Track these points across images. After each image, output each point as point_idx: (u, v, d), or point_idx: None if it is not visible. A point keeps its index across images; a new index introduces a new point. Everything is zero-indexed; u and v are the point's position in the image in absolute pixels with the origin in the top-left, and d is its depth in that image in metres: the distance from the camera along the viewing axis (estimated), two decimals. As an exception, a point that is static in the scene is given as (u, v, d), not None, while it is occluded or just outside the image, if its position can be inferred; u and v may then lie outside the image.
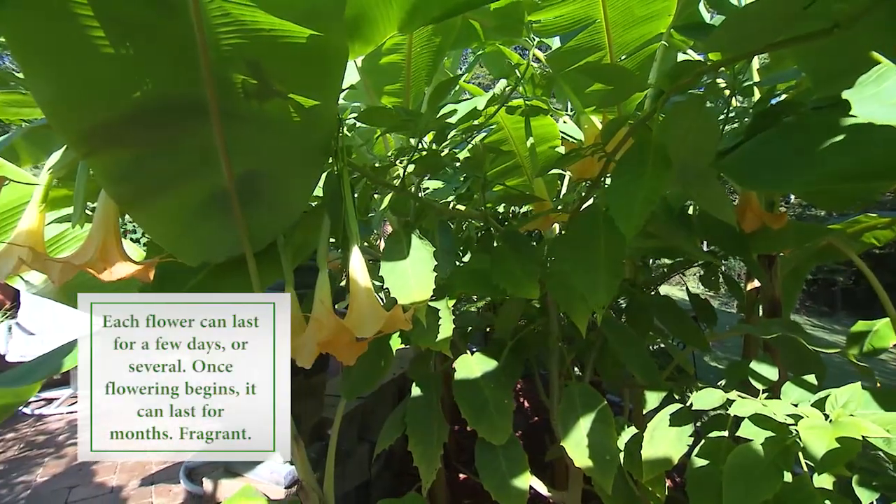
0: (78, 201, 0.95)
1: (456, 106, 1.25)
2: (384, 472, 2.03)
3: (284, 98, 0.76)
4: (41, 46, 0.60)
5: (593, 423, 1.11)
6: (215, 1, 0.65)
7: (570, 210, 1.14)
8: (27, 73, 0.62)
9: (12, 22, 0.57)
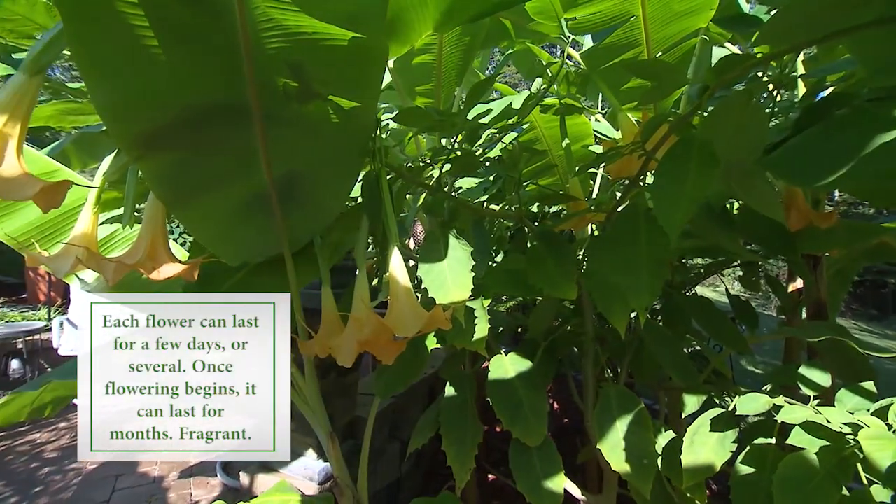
0: (128, 203, 0.99)
1: (490, 105, 1.25)
2: (414, 471, 2.04)
3: (324, 100, 0.77)
4: (102, 57, 0.63)
5: (630, 426, 1.09)
6: (260, 6, 0.66)
7: (607, 210, 1.12)
8: (89, 83, 0.65)
9: (77, 35, 0.60)
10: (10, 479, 2.35)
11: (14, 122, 0.63)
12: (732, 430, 0.96)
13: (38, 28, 0.93)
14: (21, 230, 1.07)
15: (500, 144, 1.49)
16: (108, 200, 1.19)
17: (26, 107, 0.64)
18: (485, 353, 1.01)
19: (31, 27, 0.91)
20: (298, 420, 1.59)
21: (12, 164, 0.62)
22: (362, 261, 0.82)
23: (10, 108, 0.62)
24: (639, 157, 0.90)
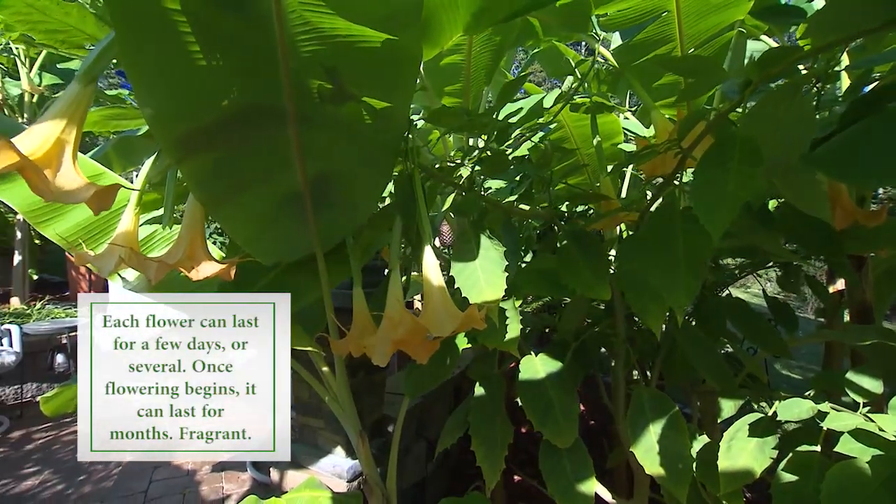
0: (167, 205, 1.02)
1: (519, 104, 1.25)
2: (440, 471, 2.05)
3: (358, 101, 0.78)
4: (150, 64, 0.65)
5: (664, 430, 1.07)
6: (297, 10, 0.68)
7: (641, 209, 1.10)
8: (136, 89, 0.68)
9: (128, 44, 0.62)
10: (56, 467, 2.47)
11: (70, 128, 0.66)
12: (772, 435, 0.93)
13: (87, 38, 0.98)
14: (69, 231, 1.12)
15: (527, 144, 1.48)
16: (146, 202, 1.23)
17: (81, 114, 0.67)
18: (517, 354, 1.01)
19: (81, 37, 0.95)
20: (327, 418, 1.62)
21: (69, 170, 0.65)
22: (396, 260, 0.82)
23: (66, 115, 0.65)
24: (675, 155, 0.88)
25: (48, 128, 0.65)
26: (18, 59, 3.66)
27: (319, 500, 1.34)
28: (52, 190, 0.65)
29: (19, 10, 0.91)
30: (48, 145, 0.64)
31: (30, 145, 0.62)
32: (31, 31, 0.96)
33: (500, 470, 1.15)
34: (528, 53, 2.30)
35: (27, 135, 0.63)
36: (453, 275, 0.84)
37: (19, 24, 0.93)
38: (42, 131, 0.64)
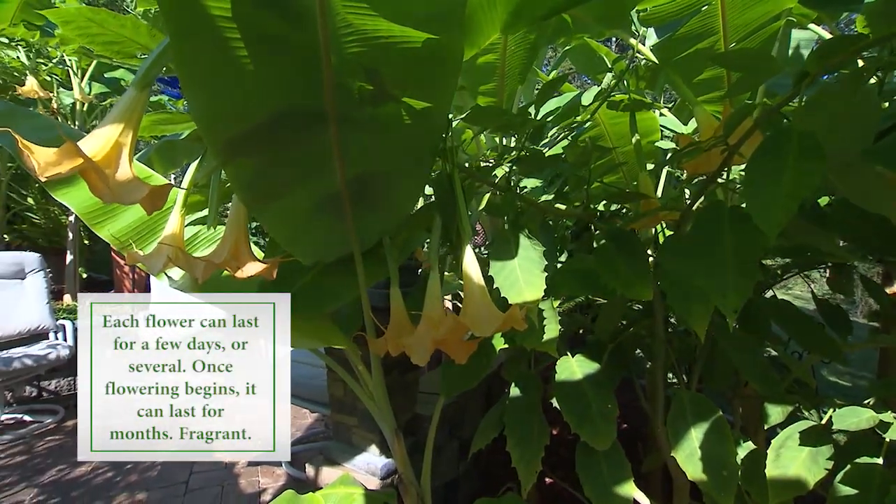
0: (212, 206, 1.05)
1: (553, 102, 1.23)
2: (472, 471, 2.04)
3: (398, 102, 0.79)
4: (200, 69, 0.68)
5: (707, 435, 1.04)
6: (340, 13, 0.69)
7: (683, 207, 1.07)
8: (187, 93, 0.70)
9: (181, 50, 0.64)
10: (103, 457, 2.58)
11: (127, 132, 0.69)
12: (826, 445, 0.89)
13: (140, 48, 1.02)
14: (121, 232, 1.17)
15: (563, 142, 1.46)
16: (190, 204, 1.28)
17: (137, 118, 0.70)
18: (555, 355, 1.00)
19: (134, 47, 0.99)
20: (361, 416, 1.64)
21: (126, 171, 0.68)
22: (435, 260, 0.83)
23: (124, 119, 0.68)
24: (721, 152, 0.85)
25: (108, 131, 0.68)
26: (71, 71, 3.87)
27: (354, 496, 1.36)
28: (110, 191, 0.68)
29: (80, 24, 0.97)
30: (108, 148, 0.67)
31: (92, 148, 0.65)
32: (90, 43, 1.02)
33: (536, 471, 1.14)
34: (556, 51, 2.27)
35: (90, 138, 0.66)
36: (492, 274, 0.84)
37: (80, 37, 0.99)
38: (102, 135, 0.67)
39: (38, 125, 1.11)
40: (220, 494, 2.21)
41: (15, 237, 5.20)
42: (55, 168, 0.60)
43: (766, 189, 0.61)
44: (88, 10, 1.02)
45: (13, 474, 2.40)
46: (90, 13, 1.00)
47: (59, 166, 0.61)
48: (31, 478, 2.36)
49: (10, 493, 2.22)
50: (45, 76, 3.82)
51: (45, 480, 2.34)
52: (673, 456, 1.05)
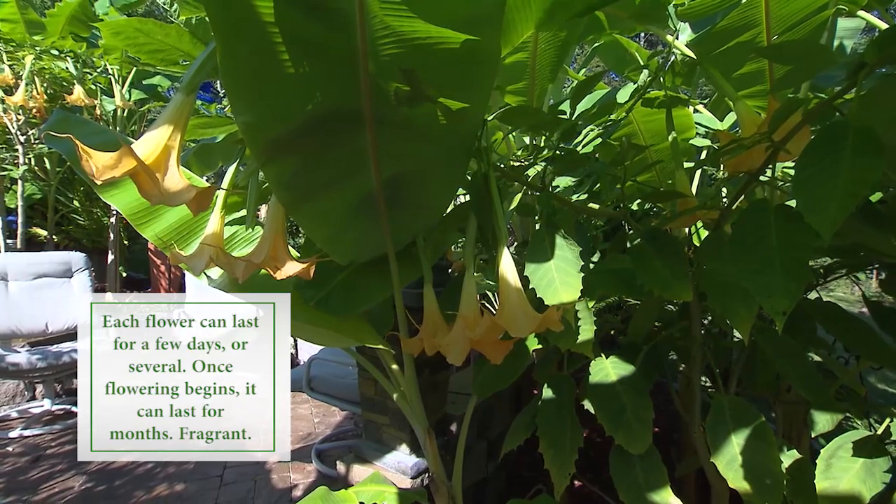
0: (250, 207, 1.08)
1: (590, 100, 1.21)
2: (499, 472, 2.03)
3: (434, 102, 0.79)
4: (245, 73, 0.70)
5: (749, 441, 1.00)
6: (378, 16, 0.69)
7: (719, 206, 1.04)
8: (231, 96, 0.72)
9: (227, 55, 0.66)
10: (144, 449, 2.69)
11: (175, 135, 0.71)
12: (883, 457, 0.84)
13: (182, 55, 1.06)
14: (164, 232, 1.22)
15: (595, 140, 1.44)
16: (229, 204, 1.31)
17: (184, 122, 0.73)
18: (591, 356, 0.98)
19: (178, 55, 1.03)
20: (392, 415, 1.65)
21: (174, 174, 0.70)
22: (471, 260, 0.83)
23: (172, 123, 0.71)
24: (766, 148, 0.82)
25: (158, 135, 0.71)
26: (113, 79, 4.04)
27: (385, 494, 1.37)
28: (160, 192, 0.71)
29: (129, 34, 1.02)
30: (158, 151, 0.70)
31: (144, 151, 0.68)
32: (138, 52, 1.07)
33: (569, 474, 1.12)
34: (583, 48, 2.23)
35: (141, 142, 0.69)
36: (527, 275, 0.83)
37: (129, 46, 1.04)
38: (153, 139, 0.70)
39: (90, 131, 1.17)
40: (252, 488, 2.27)
41: (62, 238, 5.47)
42: (111, 171, 0.63)
43: (821, 186, 0.58)
44: (137, 20, 1.07)
45: (63, 462, 2.53)
46: (138, 24, 1.06)
47: (115, 169, 0.64)
48: (79, 465, 2.48)
49: (62, 480, 2.34)
50: (90, 85, 4.00)
51: (91, 469, 2.45)
52: (712, 462, 1.01)
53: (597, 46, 2.29)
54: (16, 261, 3.24)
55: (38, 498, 2.19)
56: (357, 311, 1.08)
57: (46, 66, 3.72)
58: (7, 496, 2.21)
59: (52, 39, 3.61)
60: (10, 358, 2.83)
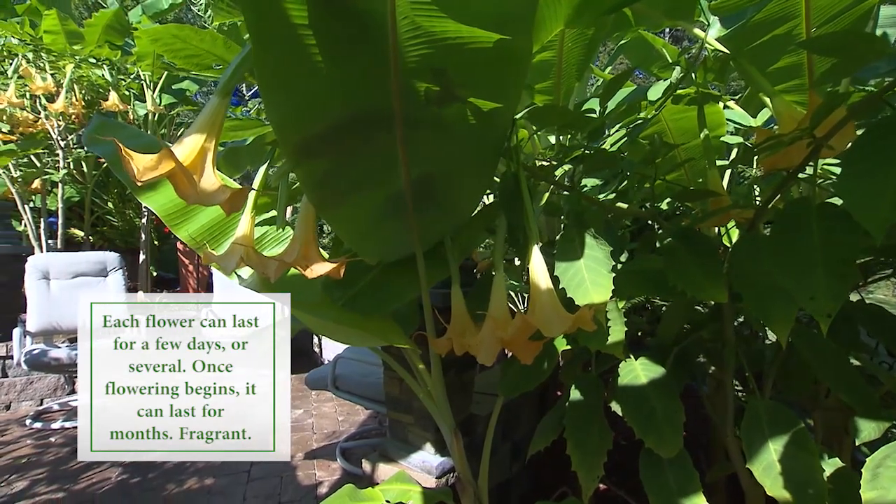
0: (281, 207, 1.10)
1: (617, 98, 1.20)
2: (523, 473, 2.02)
3: (464, 102, 0.79)
4: (279, 75, 0.71)
5: (787, 448, 0.97)
6: (408, 16, 0.70)
7: (752, 205, 1.01)
8: (266, 98, 0.74)
9: (262, 58, 0.68)
10: (175, 444, 2.77)
11: (210, 138, 0.73)
12: (934, 466, 0.80)
13: (216, 59, 1.09)
14: (197, 232, 1.25)
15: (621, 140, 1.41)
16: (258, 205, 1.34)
17: (219, 125, 0.74)
18: (622, 357, 0.97)
19: (212, 59, 1.06)
20: (417, 414, 1.66)
21: (210, 175, 0.72)
22: (500, 261, 0.82)
23: (208, 126, 0.73)
24: (808, 145, 0.79)
25: (195, 138, 0.73)
26: (145, 84, 4.18)
27: (410, 493, 1.38)
28: (196, 193, 0.72)
29: (166, 41, 1.06)
30: (195, 153, 0.72)
31: (182, 153, 0.70)
32: (174, 57, 1.11)
33: (597, 477, 1.11)
34: (606, 45, 2.20)
35: (179, 144, 0.71)
36: (557, 275, 0.82)
37: (167, 52, 1.08)
38: (190, 141, 0.72)
39: (128, 135, 1.21)
40: (279, 484, 2.31)
41: (97, 238, 5.69)
42: (152, 172, 0.65)
43: (871, 184, 0.56)
44: (174, 27, 1.11)
45: (99, 455, 2.62)
46: (176, 30, 1.10)
47: (155, 170, 0.66)
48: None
49: (99, 471, 2.43)
50: (123, 91, 4.15)
51: (126, 461, 2.53)
52: (747, 469, 0.98)
53: (622, 44, 2.25)
54: (57, 260, 3.38)
55: (78, 487, 2.28)
56: (385, 311, 1.08)
57: (84, 74, 3.87)
58: (51, 484, 2.31)
59: (89, 48, 3.76)
60: (52, 353, 2.96)
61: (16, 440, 2.80)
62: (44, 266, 3.31)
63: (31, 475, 2.39)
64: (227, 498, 2.18)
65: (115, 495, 2.21)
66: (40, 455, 2.61)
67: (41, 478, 2.37)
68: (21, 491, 2.25)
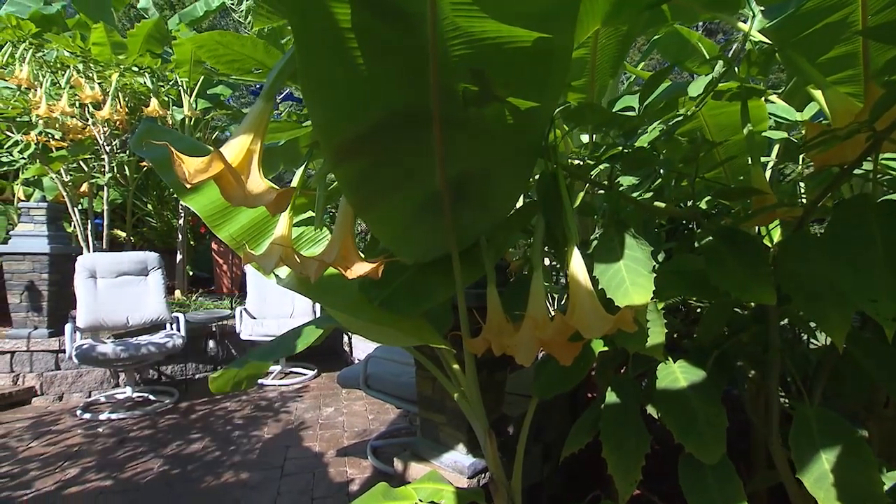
0: (319, 208, 1.12)
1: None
2: (554, 475, 2.00)
3: (503, 102, 0.79)
4: (322, 78, 0.72)
5: (841, 458, 0.92)
6: (448, 17, 0.70)
7: (806, 203, 0.96)
8: (309, 101, 0.75)
9: (307, 61, 0.69)
10: (213, 436, 2.87)
11: (256, 140, 0.75)
12: None
13: (256, 63, 1.12)
14: (237, 233, 1.29)
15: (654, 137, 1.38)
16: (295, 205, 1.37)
17: (264, 127, 0.77)
18: (662, 359, 0.94)
19: (252, 63, 1.09)
20: (449, 414, 1.66)
21: (256, 177, 0.74)
22: (538, 261, 0.82)
23: (253, 128, 0.75)
24: (867, 139, 0.75)
25: (241, 140, 0.75)
26: (182, 90, 4.35)
27: (443, 492, 1.38)
28: (244, 194, 0.75)
29: (210, 47, 1.10)
30: (242, 155, 0.74)
31: (230, 155, 0.72)
32: (217, 62, 1.15)
33: (635, 481, 1.08)
34: (636, 40, 2.15)
35: (227, 147, 0.74)
36: (596, 275, 0.81)
37: (210, 57, 1.13)
38: (237, 144, 0.74)
39: (174, 139, 1.25)
40: (311, 480, 2.35)
41: (137, 239, 5.94)
42: (202, 175, 0.68)
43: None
44: (218, 34, 1.15)
45: (143, 445, 2.74)
46: (219, 37, 1.14)
47: (206, 173, 0.68)
48: (157, 450, 2.68)
49: (143, 461, 2.54)
50: (163, 97, 4.32)
51: (167, 453, 2.64)
52: (796, 479, 0.95)
53: (655, 39, 2.20)
54: (103, 260, 3.54)
55: (124, 476, 2.39)
56: (420, 311, 1.09)
57: (128, 82, 4.05)
58: (99, 472, 2.43)
59: (132, 58, 3.93)
60: (100, 348, 3.11)
61: (68, 429, 2.96)
62: (91, 265, 3.47)
63: (82, 463, 2.52)
64: (262, 492, 2.24)
65: (157, 485, 2.30)
66: (90, 444, 2.74)
67: (90, 466, 2.49)
68: (73, 477, 2.37)
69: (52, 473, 2.41)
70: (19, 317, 3.56)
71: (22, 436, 2.86)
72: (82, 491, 2.25)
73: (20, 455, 2.60)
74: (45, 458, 2.57)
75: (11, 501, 2.13)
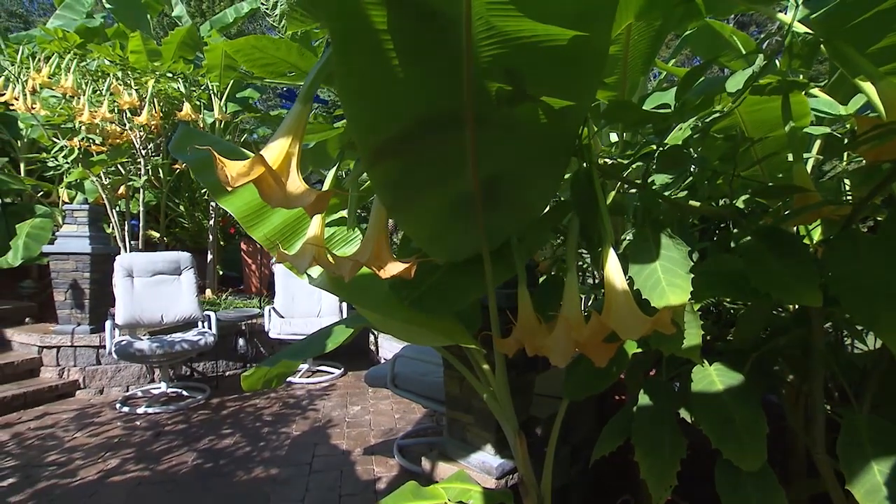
0: (352, 208, 1.14)
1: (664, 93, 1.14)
2: (582, 478, 1.97)
3: (536, 101, 0.78)
4: (359, 80, 0.73)
5: (895, 470, 0.88)
6: (483, 17, 0.70)
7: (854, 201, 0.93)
8: (345, 102, 0.76)
9: (343, 64, 0.71)
10: (244, 432, 2.95)
11: (294, 142, 0.77)
12: None
13: (289, 67, 1.14)
14: (271, 233, 1.32)
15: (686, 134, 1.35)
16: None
17: (301, 129, 0.78)
18: (699, 362, 0.92)
19: (285, 67, 1.11)
20: (477, 414, 1.66)
21: (295, 178, 0.76)
22: (573, 261, 0.81)
23: (292, 131, 0.77)
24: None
25: (280, 143, 0.76)
26: (212, 94, 4.47)
27: (471, 493, 1.38)
28: (284, 196, 0.76)
29: (246, 51, 1.14)
30: (281, 158, 0.76)
31: (270, 158, 0.74)
32: (252, 66, 1.19)
33: (669, 485, 1.06)
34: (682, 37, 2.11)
35: (267, 150, 0.76)
36: (631, 276, 0.80)
37: (245, 62, 1.16)
38: (276, 147, 0.76)
39: (210, 142, 1.29)
40: (339, 477, 2.39)
41: (170, 239, 6.14)
42: (245, 178, 0.69)
43: None
44: (254, 38, 1.19)
45: (178, 439, 2.84)
46: (255, 41, 1.18)
47: (248, 176, 0.70)
48: (191, 444, 2.77)
49: (177, 455, 2.63)
50: (195, 101, 4.45)
51: (200, 447, 2.72)
52: (845, 490, 0.91)
53: (686, 34, 2.14)
54: (139, 260, 3.68)
55: (160, 468, 2.48)
56: (451, 311, 1.10)
57: (163, 88, 4.19)
58: (138, 464, 2.52)
59: (167, 64, 4.07)
60: (137, 345, 3.23)
61: (108, 422, 3.08)
62: (128, 265, 3.61)
63: (122, 454, 2.62)
64: (291, 488, 2.29)
65: (191, 478, 2.38)
66: (128, 437, 2.86)
67: (130, 457, 2.59)
68: (114, 468, 2.47)
69: (95, 463, 2.52)
70: (64, 314, 3.74)
71: (68, 426, 3.00)
72: (123, 481, 2.34)
73: (66, 445, 2.73)
74: (89, 449, 2.68)
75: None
